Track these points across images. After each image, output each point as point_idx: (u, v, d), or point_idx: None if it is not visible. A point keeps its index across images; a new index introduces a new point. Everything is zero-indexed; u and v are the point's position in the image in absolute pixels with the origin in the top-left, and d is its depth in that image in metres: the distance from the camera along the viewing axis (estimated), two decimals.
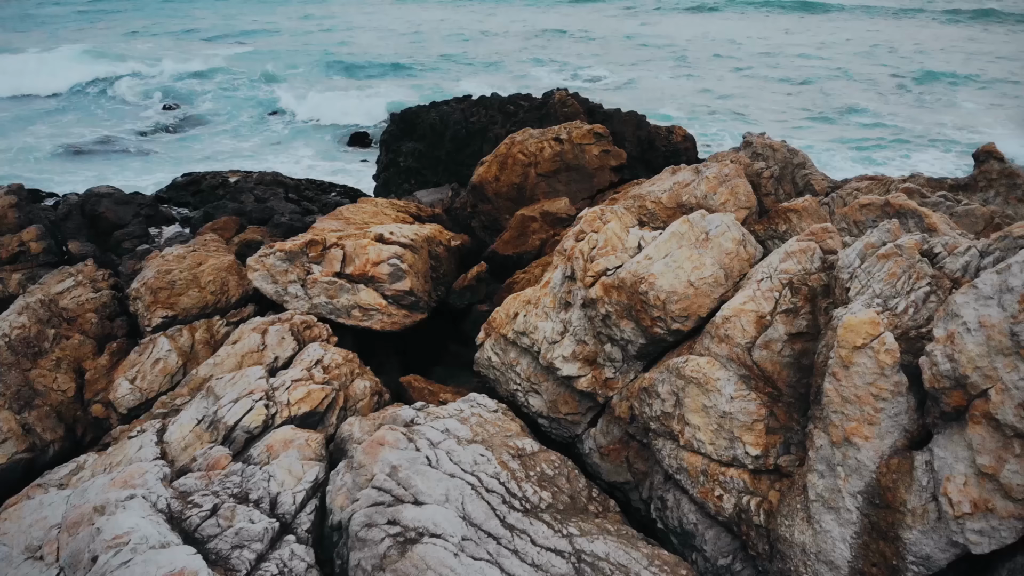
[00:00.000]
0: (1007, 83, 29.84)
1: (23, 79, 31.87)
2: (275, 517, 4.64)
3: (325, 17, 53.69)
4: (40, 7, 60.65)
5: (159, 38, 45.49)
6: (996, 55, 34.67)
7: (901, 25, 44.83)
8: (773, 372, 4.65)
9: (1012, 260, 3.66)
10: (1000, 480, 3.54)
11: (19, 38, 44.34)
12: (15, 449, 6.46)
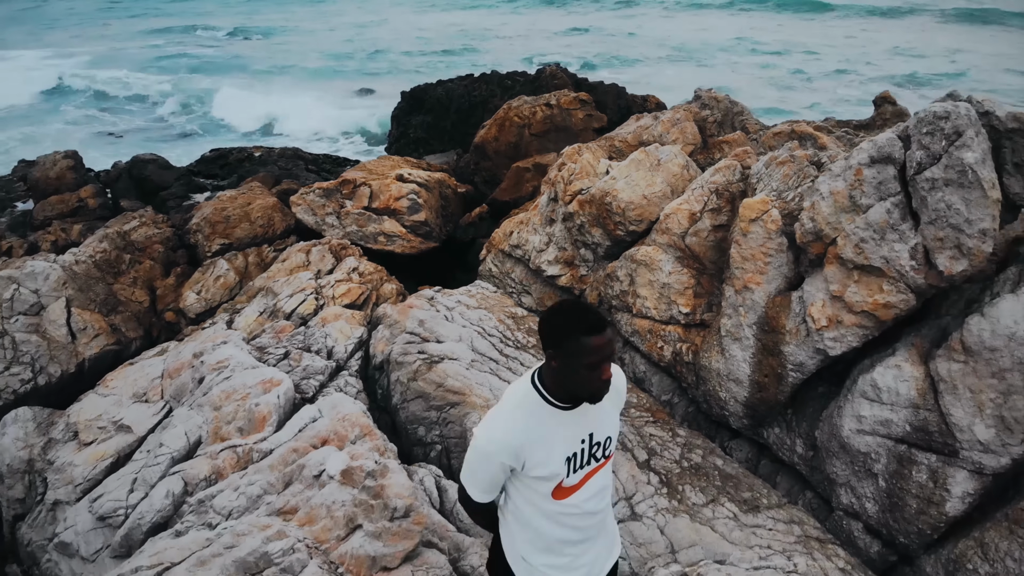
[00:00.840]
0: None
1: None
2: (332, 361, 6.24)
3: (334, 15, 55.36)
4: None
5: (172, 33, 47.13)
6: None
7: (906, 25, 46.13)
8: (700, 252, 6.25)
9: (853, 150, 5.28)
10: (845, 300, 5.15)
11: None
12: (106, 342, 8.06)
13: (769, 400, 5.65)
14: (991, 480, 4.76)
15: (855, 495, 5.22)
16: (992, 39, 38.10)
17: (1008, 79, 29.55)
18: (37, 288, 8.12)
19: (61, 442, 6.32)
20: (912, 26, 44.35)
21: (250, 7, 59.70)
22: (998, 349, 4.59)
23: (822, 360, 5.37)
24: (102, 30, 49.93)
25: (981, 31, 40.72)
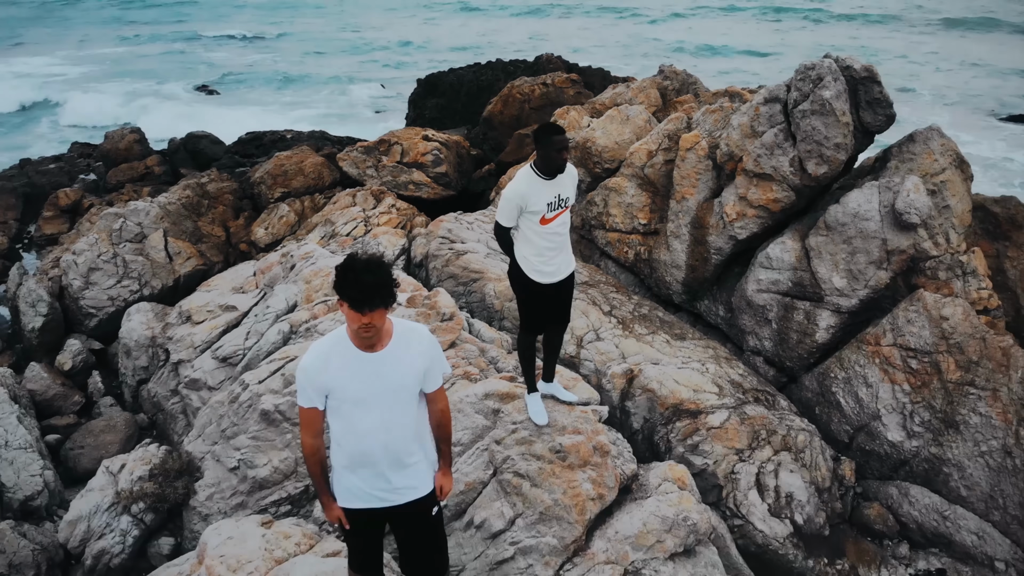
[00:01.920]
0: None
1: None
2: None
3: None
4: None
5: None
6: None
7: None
8: (655, 179, 8.52)
9: (755, 95, 7.56)
10: (748, 199, 7.41)
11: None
12: (196, 263, 10.32)
13: (700, 278, 7.91)
14: (847, 316, 7.02)
15: (757, 337, 7.48)
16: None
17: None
18: (140, 221, 10.40)
19: (176, 324, 8.56)
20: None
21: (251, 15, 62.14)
22: (847, 224, 6.86)
23: (734, 244, 7.63)
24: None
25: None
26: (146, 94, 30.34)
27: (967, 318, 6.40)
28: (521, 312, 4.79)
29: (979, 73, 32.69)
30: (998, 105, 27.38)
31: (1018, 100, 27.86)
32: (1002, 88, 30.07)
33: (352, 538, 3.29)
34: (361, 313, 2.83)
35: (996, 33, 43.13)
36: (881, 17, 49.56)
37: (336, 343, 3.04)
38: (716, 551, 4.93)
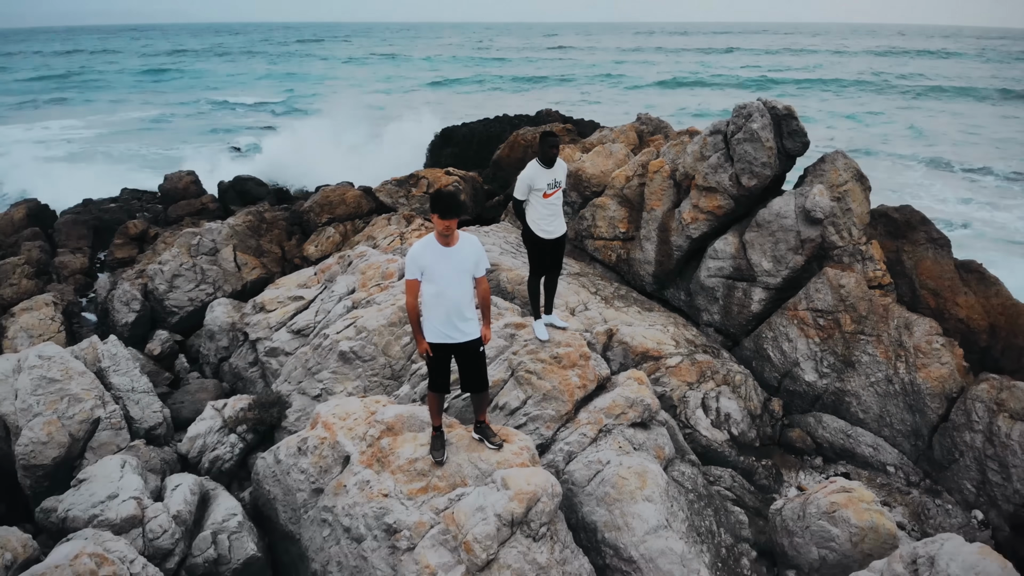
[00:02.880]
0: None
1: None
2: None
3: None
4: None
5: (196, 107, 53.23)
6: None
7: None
8: (631, 197, 10.98)
9: (704, 128, 10.09)
10: (699, 206, 9.85)
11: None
12: (259, 272, 12.70)
13: (666, 271, 10.26)
14: (774, 291, 9.35)
15: (709, 313, 9.78)
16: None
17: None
18: (213, 239, 12.84)
19: (251, 314, 10.87)
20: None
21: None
22: (771, 221, 9.27)
23: (691, 242, 10.01)
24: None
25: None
26: (173, 152, 33.35)
27: (858, 286, 8.74)
28: (530, 262, 7.15)
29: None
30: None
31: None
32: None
33: (433, 363, 5.54)
34: (445, 220, 5.18)
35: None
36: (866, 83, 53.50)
37: (429, 241, 5.38)
38: (666, 432, 7.13)
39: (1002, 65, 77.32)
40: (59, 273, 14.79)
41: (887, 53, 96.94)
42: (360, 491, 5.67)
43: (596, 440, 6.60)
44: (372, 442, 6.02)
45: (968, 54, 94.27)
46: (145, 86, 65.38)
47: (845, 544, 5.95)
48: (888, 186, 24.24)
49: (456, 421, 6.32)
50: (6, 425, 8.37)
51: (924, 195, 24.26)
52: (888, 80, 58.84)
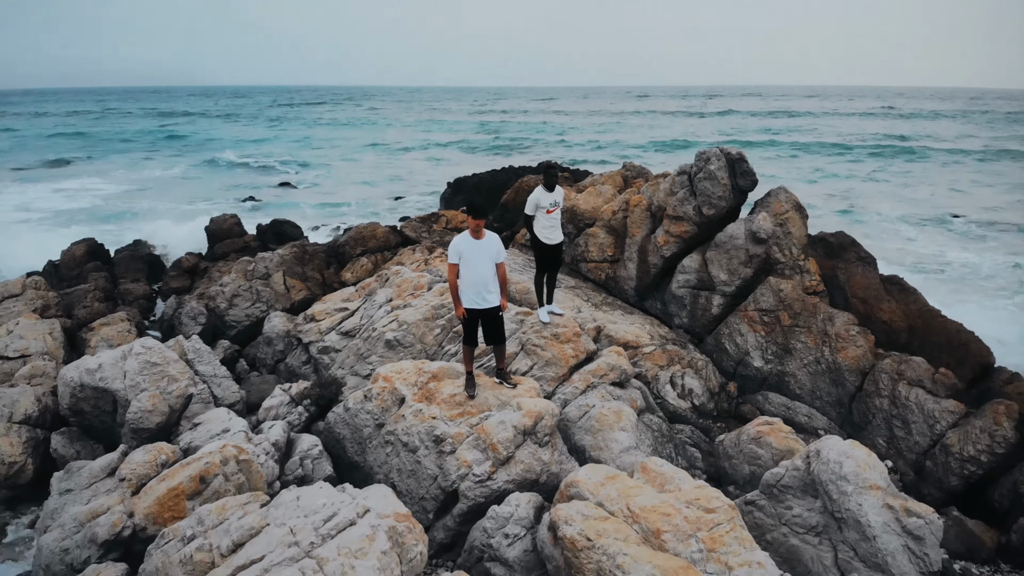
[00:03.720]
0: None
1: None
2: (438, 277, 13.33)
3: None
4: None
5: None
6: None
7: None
8: (617, 227, 13.52)
9: (674, 170, 12.69)
10: (669, 231, 12.36)
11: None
12: (305, 294, 15.12)
13: (645, 285, 12.70)
14: (730, 297, 11.76)
15: (679, 316, 12.18)
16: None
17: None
18: (266, 265, 15.32)
19: (303, 324, 13.26)
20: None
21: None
22: (726, 242, 11.77)
23: (664, 260, 12.47)
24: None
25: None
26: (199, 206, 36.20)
27: (794, 290, 11.17)
28: (536, 262, 9.60)
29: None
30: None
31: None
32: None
33: (466, 324, 7.91)
34: (476, 220, 7.66)
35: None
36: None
37: (465, 235, 7.82)
38: (639, 392, 9.45)
39: (984, 126, 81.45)
40: (124, 298, 17.20)
41: (873, 114, 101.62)
42: (415, 417, 7.97)
43: (585, 392, 8.92)
44: (422, 386, 8.36)
45: (948, 113, 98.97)
46: (160, 146, 69.03)
47: (769, 462, 8.21)
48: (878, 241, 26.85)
49: (482, 372, 8.66)
50: (115, 399, 10.68)
51: (909, 244, 26.81)
52: (877, 141, 62.42)
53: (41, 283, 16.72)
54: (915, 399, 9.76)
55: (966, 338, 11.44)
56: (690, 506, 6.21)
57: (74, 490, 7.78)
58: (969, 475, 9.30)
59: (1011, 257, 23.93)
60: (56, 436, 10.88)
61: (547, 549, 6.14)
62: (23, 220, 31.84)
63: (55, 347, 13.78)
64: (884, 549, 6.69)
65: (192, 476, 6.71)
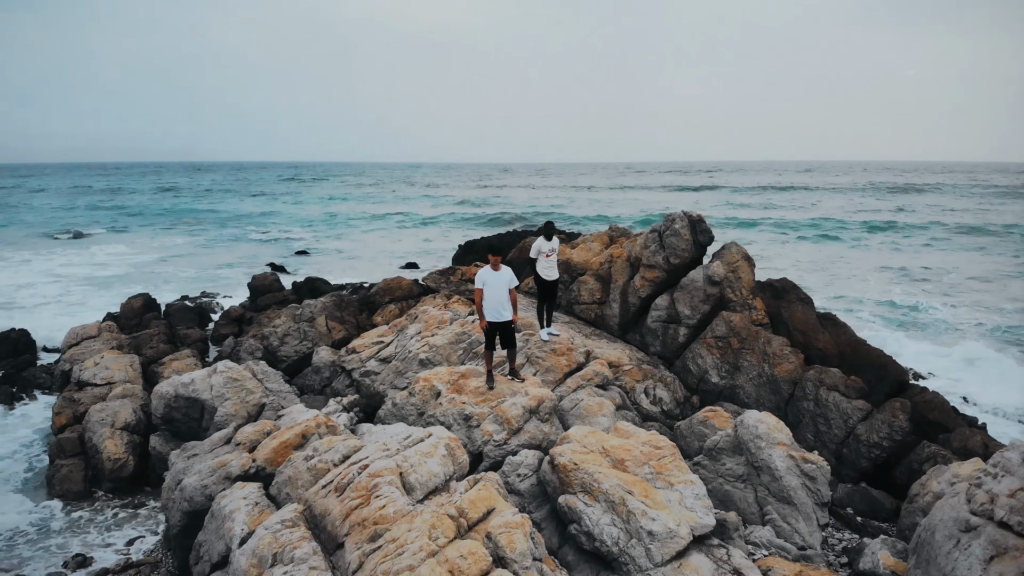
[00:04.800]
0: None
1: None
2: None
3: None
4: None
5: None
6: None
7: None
8: (603, 275, 16.70)
9: (647, 228, 15.96)
10: (644, 276, 15.52)
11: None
12: (344, 333, 18.15)
13: (626, 321, 15.77)
14: (693, 328, 14.82)
15: (654, 345, 15.20)
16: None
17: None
18: (311, 310, 18.41)
19: (345, 355, 16.27)
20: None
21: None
22: (688, 284, 14.93)
23: (640, 300, 15.57)
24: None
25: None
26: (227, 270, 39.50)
27: (742, 321, 14.23)
28: (537, 294, 12.71)
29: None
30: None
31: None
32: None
33: (487, 333, 10.93)
34: (494, 257, 10.82)
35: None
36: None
37: (487, 269, 10.94)
38: (618, 394, 12.38)
39: (970, 199, 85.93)
40: (183, 341, 20.20)
41: (862, 189, 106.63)
42: (449, 404, 10.90)
43: (576, 390, 11.88)
44: (453, 382, 11.32)
45: (940, 186, 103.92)
46: (175, 219, 73.13)
47: (712, 437, 11.08)
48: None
49: (498, 372, 11.63)
50: (203, 407, 13.57)
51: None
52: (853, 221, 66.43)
53: (114, 327, 19.83)
54: (832, 401, 12.69)
55: (885, 361, 14.42)
56: (644, 445, 9.12)
57: (199, 455, 10.62)
58: (875, 457, 12.14)
59: (951, 308, 27.05)
60: (154, 437, 13.75)
61: (547, 476, 9.00)
62: (56, 282, 35.06)
63: (135, 376, 16.76)
64: (788, 486, 9.56)
65: (296, 433, 9.59)
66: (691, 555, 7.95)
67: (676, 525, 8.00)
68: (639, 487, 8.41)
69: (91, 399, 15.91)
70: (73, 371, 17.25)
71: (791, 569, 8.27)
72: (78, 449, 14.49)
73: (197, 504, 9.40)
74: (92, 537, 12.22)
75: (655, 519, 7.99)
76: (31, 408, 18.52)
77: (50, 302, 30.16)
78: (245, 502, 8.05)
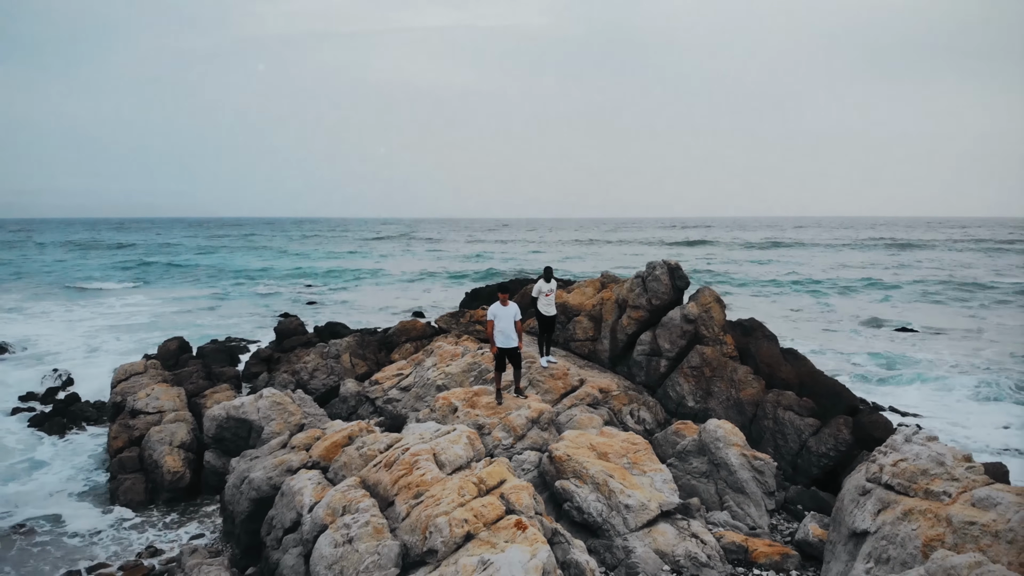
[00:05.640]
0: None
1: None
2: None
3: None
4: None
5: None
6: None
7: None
8: (596, 315, 19.21)
9: (632, 275, 18.55)
10: (630, 316, 18.04)
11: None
12: (366, 368, 20.55)
13: (616, 355, 18.21)
14: (672, 360, 17.26)
15: (639, 375, 17.60)
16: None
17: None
18: (337, 348, 20.84)
19: (369, 386, 18.67)
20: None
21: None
22: (668, 322, 17.44)
23: (627, 337, 18.03)
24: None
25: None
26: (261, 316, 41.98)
27: (713, 353, 16.67)
28: (538, 328, 15.19)
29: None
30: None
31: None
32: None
33: (498, 357, 13.35)
34: (503, 294, 13.36)
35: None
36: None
37: (497, 304, 13.45)
38: (607, 410, 14.74)
39: (960, 254, 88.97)
40: (219, 377, 22.55)
41: (855, 246, 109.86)
42: (465, 416, 13.25)
43: (570, 408, 14.25)
44: (468, 399, 13.70)
45: (933, 244, 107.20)
46: (181, 273, 75.99)
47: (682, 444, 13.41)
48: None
49: (507, 392, 14.02)
50: (251, 427, 15.90)
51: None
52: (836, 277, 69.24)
53: (158, 364, 22.22)
54: (788, 419, 15.05)
55: (839, 388, 16.80)
56: (624, 443, 11.49)
57: (260, 457, 12.92)
58: (824, 465, 14.43)
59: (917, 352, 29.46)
60: (208, 453, 16.03)
61: (546, 467, 11.33)
62: (88, 331, 37.49)
63: (181, 405, 19.09)
64: (742, 479, 11.88)
65: (344, 435, 11.93)
66: (659, 524, 10.25)
67: (647, 501, 10.32)
68: (618, 473, 10.75)
69: (145, 425, 18.22)
70: (127, 402, 19.59)
71: (739, 537, 10.55)
72: (137, 466, 16.73)
73: (263, 492, 11.68)
74: (159, 534, 14.40)
75: (631, 496, 10.31)
76: (80, 437, 20.77)
77: (79, 347, 32.52)
78: (310, 482, 10.36)
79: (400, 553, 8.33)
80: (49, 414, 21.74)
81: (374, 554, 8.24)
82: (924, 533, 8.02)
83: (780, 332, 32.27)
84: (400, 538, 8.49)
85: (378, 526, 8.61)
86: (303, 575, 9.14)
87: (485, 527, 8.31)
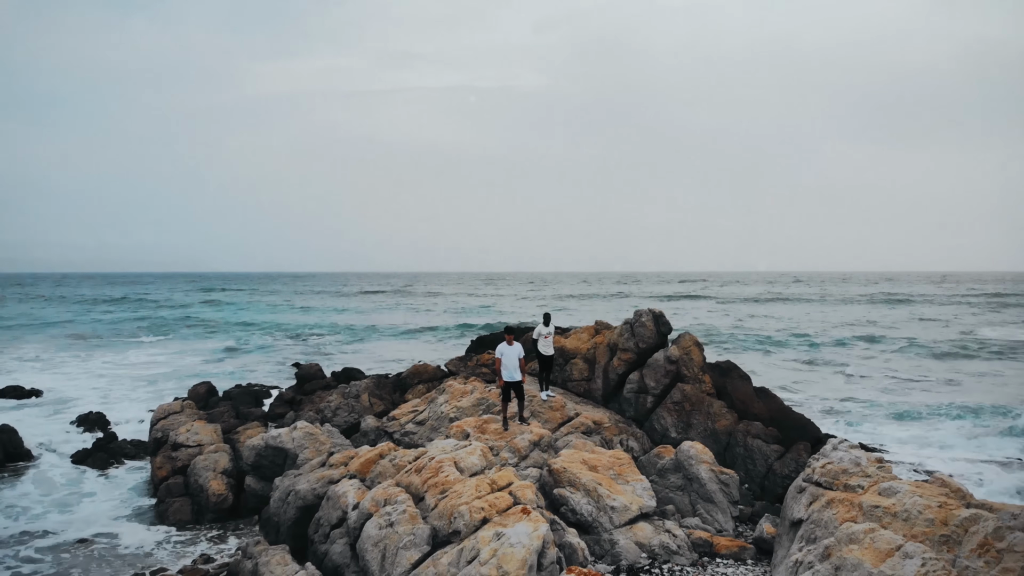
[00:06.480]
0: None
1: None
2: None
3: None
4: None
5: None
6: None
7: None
8: (590, 357, 21.68)
9: (624, 319, 21.11)
10: (620, 357, 20.51)
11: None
12: (383, 407, 22.91)
13: (608, 392, 20.61)
14: (656, 396, 19.67)
15: (629, 410, 19.97)
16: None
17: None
18: (357, 389, 23.23)
19: (387, 422, 21.02)
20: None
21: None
22: (653, 363, 19.92)
23: (618, 376, 20.47)
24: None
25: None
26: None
27: (693, 390, 19.09)
28: (538, 366, 17.66)
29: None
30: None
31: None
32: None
33: (504, 390, 15.78)
34: (508, 335, 15.89)
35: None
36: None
37: (503, 344, 15.96)
38: (599, 437, 17.08)
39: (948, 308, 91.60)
40: (247, 417, 24.85)
41: (848, 302, 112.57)
42: (476, 439, 15.60)
43: (567, 435, 16.60)
44: (479, 426, 16.06)
45: (915, 299, 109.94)
46: (203, 325, 78.52)
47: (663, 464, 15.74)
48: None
49: (512, 420, 16.40)
50: (287, 455, 18.20)
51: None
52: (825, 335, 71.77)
53: (192, 404, 24.57)
54: (756, 446, 17.38)
55: (805, 422, 19.17)
56: (610, 458, 13.84)
57: (302, 474, 15.22)
58: (787, 485, 16.68)
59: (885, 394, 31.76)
60: (248, 478, 18.28)
61: (546, 478, 13.65)
62: (112, 379, 39.81)
63: (218, 439, 21.40)
64: (710, 490, 14.21)
65: (376, 453, 14.27)
66: (639, 522, 12.56)
67: (629, 504, 12.65)
68: (606, 481, 13.10)
69: (187, 456, 20.50)
70: (168, 436, 21.89)
71: (706, 534, 12.84)
72: (183, 491, 18.96)
73: (308, 501, 13.98)
74: (208, 547, 16.57)
75: (615, 500, 12.65)
76: (120, 471, 22.98)
77: (104, 393, 34.78)
78: (352, 487, 12.71)
79: (431, 534, 10.66)
80: (90, 451, 23.93)
81: (410, 535, 10.58)
82: (842, 516, 10.35)
83: (770, 378, 34.74)
84: (430, 523, 10.83)
85: (413, 514, 10.96)
86: (349, 559, 11.43)
87: (498, 514, 10.65)
